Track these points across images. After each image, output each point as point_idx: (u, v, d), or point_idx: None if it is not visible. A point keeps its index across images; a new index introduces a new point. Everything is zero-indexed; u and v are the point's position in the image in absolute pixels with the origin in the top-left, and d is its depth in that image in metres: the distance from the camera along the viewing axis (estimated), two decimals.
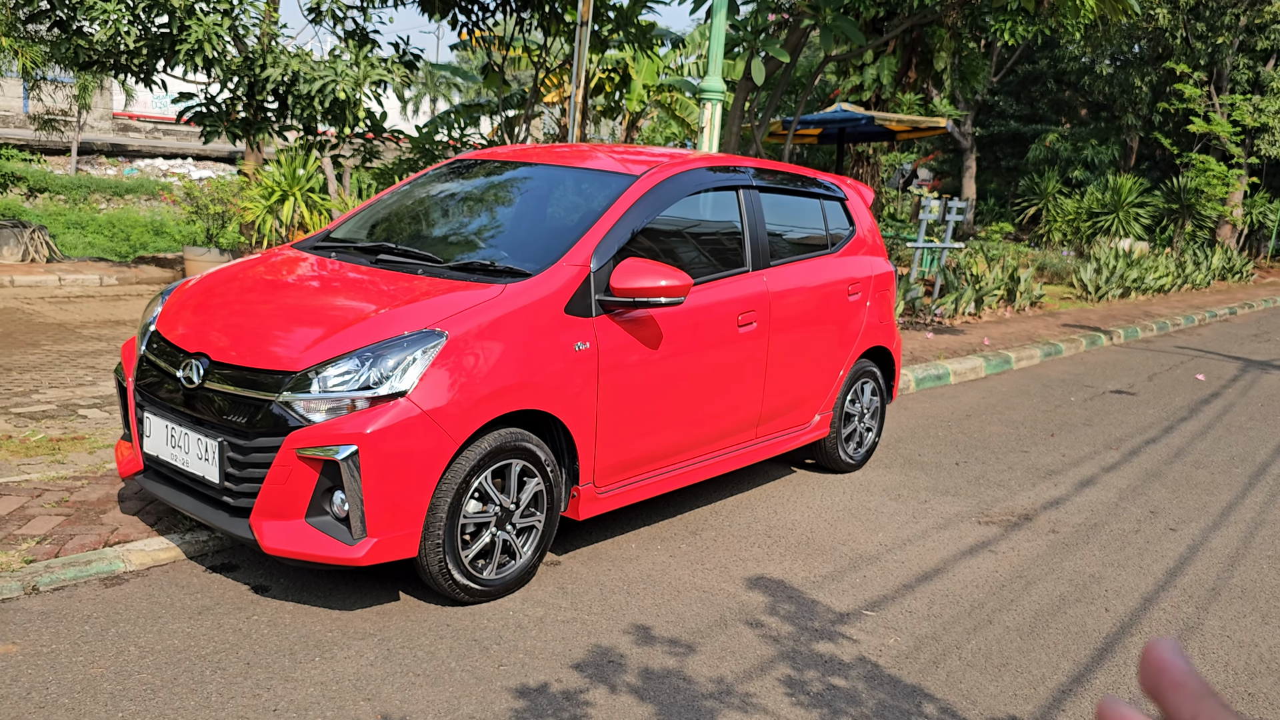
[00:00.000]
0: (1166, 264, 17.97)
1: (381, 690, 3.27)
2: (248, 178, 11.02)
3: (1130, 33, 24.52)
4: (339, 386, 3.59)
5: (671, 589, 4.23)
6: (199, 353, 3.88)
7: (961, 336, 10.99)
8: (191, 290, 4.39)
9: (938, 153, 31.40)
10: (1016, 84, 29.79)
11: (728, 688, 3.45)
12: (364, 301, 4.00)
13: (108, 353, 7.37)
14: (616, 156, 5.11)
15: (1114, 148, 27.09)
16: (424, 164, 11.66)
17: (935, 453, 6.69)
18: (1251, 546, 5.26)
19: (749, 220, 5.17)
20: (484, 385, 3.75)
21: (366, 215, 5.19)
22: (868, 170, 17.03)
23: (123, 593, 3.83)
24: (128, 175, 23.37)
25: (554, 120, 18.76)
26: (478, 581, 3.88)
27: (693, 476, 4.88)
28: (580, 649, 3.64)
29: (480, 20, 11.75)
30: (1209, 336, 13.58)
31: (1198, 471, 6.64)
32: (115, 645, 3.44)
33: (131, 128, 28.42)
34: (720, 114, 8.86)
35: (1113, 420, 7.99)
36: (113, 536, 4.17)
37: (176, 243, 14.46)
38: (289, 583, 4.01)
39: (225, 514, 3.77)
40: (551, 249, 4.28)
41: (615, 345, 4.24)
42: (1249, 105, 23.23)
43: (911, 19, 12.80)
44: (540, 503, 4.09)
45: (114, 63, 9.41)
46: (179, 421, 3.89)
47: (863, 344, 5.89)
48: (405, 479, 3.58)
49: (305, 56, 9.32)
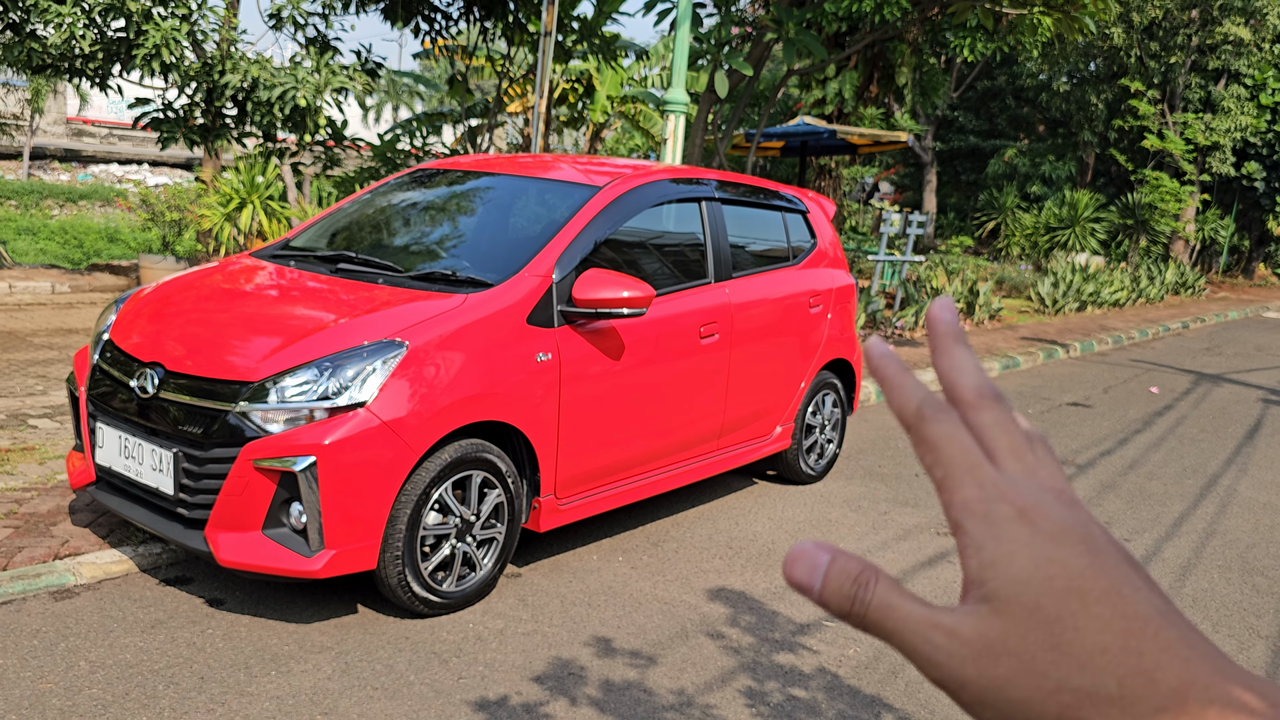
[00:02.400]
0: (1122, 279, 18.26)
1: (339, 704, 3.23)
2: (205, 184, 10.88)
3: (1086, 51, 24.94)
4: (297, 397, 3.55)
5: (633, 601, 4.22)
6: (154, 362, 3.82)
7: (922, 349, 11.09)
8: (146, 298, 4.32)
9: (899, 167, 31.73)
10: (976, 100, 30.20)
11: (689, 699, 3.45)
12: (323, 311, 3.96)
13: (59, 361, 7.24)
14: (579, 167, 5.11)
15: (1071, 164, 27.52)
16: (385, 172, 11.59)
17: (895, 464, 6.74)
18: (1203, 556, 5.35)
19: (711, 232, 5.19)
20: (445, 396, 3.73)
21: (326, 224, 5.14)
22: (830, 183, 17.18)
23: (73, 606, 3.75)
24: (81, 181, 23.01)
25: (517, 130, 18.74)
26: (437, 594, 3.85)
27: (654, 488, 4.87)
28: (541, 661, 3.62)
29: (443, 29, 11.71)
30: (1163, 350, 13.81)
31: (1151, 483, 6.74)
32: (65, 660, 3.37)
33: (86, 133, 28.00)
34: (684, 126, 8.89)
35: (1069, 432, 8.10)
36: (63, 549, 4.09)
37: (131, 250, 14.25)
38: (245, 596, 3.95)
39: (180, 526, 3.71)
40: (514, 259, 4.27)
41: (577, 356, 4.23)
42: (1201, 124, 23.70)
43: (873, 34, 12.93)
44: (501, 514, 4.06)
45: (68, 66, 9.26)
46: (133, 432, 3.83)
47: (824, 356, 5.92)
48: (364, 490, 3.54)
49: (265, 63, 9.23)
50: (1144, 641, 0.41)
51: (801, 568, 0.47)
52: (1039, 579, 0.43)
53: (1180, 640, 0.41)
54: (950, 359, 0.50)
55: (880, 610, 0.46)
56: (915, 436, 0.48)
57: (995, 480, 0.46)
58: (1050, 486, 0.46)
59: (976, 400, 0.49)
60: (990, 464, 0.46)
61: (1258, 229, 28.85)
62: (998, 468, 0.46)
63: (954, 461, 0.46)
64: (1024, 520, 0.44)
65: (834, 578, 0.47)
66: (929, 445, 0.47)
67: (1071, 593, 0.42)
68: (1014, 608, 0.43)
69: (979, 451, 0.47)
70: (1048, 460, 0.48)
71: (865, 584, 0.46)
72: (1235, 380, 11.53)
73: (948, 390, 0.50)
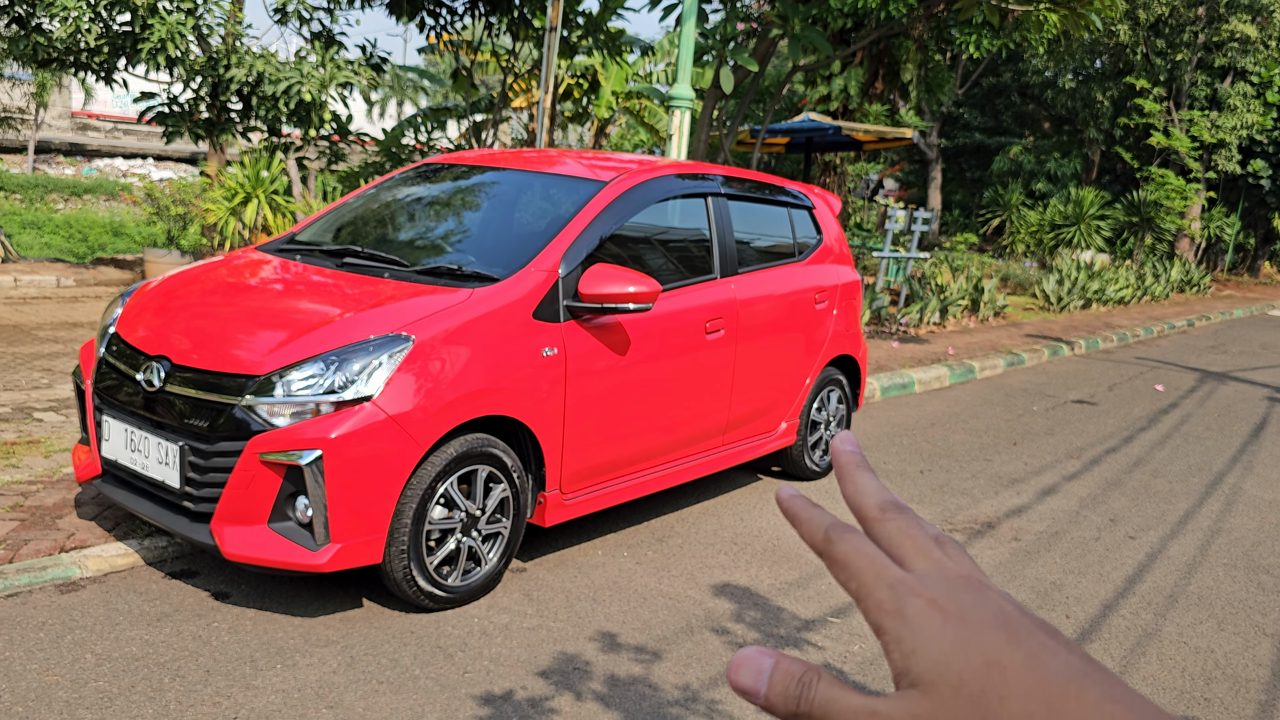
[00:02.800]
0: (1127, 276, 18.23)
1: (344, 698, 3.23)
2: (210, 179, 10.88)
3: (1092, 48, 24.88)
4: (303, 391, 3.54)
5: (638, 596, 4.22)
6: (160, 355, 3.82)
7: (926, 346, 11.07)
8: (152, 292, 4.32)
9: (903, 163, 31.69)
10: (981, 96, 30.13)
11: (693, 695, 3.45)
12: (329, 305, 3.96)
13: (64, 355, 7.25)
14: (585, 162, 5.10)
15: (1076, 161, 27.46)
16: (390, 167, 11.59)
17: (900, 461, 6.73)
18: (1208, 554, 5.34)
19: (717, 228, 5.18)
20: (451, 390, 3.73)
21: (332, 218, 5.14)
22: (834, 180, 17.15)
23: (79, 599, 3.75)
24: (86, 175, 23.03)
25: (522, 125, 18.71)
26: (443, 588, 3.85)
27: (659, 483, 4.87)
28: (546, 656, 3.62)
29: (449, 24, 11.70)
30: (1168, 348, 13.79)
31: (1156, 480, 6.73)
32: (71, 653, 3.37)
33: (90, 127, 28.01)
34: (689, 122, 8.88)
35: (1074, 429, 8.09)
36: (69, 542, 4.10)
37: (136, 244, 14.26)
38: (250, 589, 3.96)
39: (185, 519, 3.71)
40: (520, 254, 4.26)
41: (583, 351, 4.23)
42: (1207, 121, 23.65)
43: (879, 30, 12.91)
44: (506, 509, 4.06)
45: (74, 60, 9.27)
46: (139, 425, 3.83)
47: (829, 352, 5.91)
48: (370, 484, 3.54)
49: (270, 57, 9.23)
50: (1066, 703, 0.43)
51: (747, 674, 0.50)
52: (958, 659, 0.46)
53: (1104, 697, 0.44)
54: (854, 484, 0.55)
55: (823, 705, 0.48)
56: (827, 559, 0.52)
57: (903, 579, 0.49)
58: (957, 576, 0.50)
59: (880, 514, 0.53)
60: (898, 567, 0.50)
61: (1263, 227, 28.78)
62: (906, 569, 0.50)
63: (863, 571, 0.50)
64: (935, 609, 0.47)
65: (779, 681, 0.50)
66: (840, 564, 0.51)
67: (991, 667, 0.45)
68: (940, 689, 0.45)
69: (885, 559, 0.51)
70: (957, 555, 0.52)
71: (808, 684, 0.49)
72: (1241, 378, 11.51)
73: (855, 512, 0.54)
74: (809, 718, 0.49)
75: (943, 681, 0.45)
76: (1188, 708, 3.69)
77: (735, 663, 0.51)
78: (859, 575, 0.50)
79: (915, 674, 0.46)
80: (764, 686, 0.50)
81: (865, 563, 0.50)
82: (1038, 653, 0.46)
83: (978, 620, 0.47)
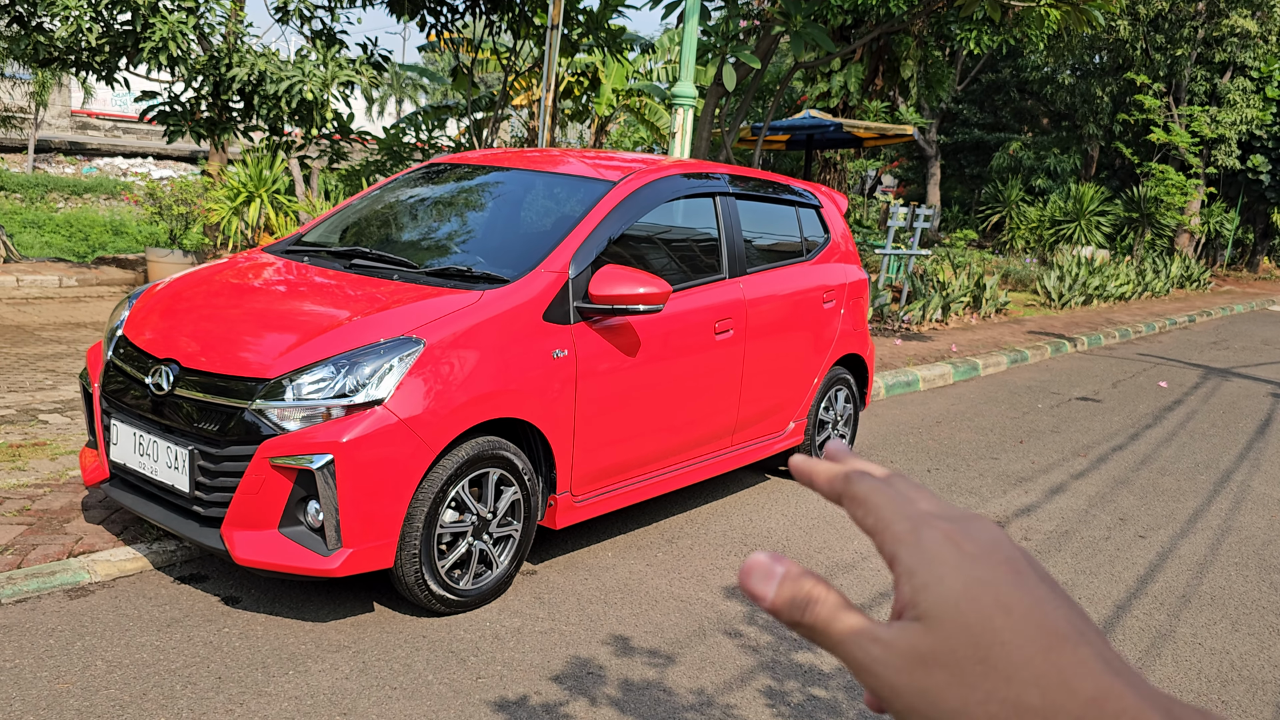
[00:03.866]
0: (1127, 272, 18.21)
1: (357, 704, 3.21)
2: (212, 178, 10.85)
3: (1092, 44, 24.86)
4: (314, 394, 3.52)
5: (649, 598, 4.20)
6: (168, 358, 3.79)
7: (929, 343, 11.05)
8: (160, 294, 4.30)
9: (903, 160, 31.65)
10: (980, 93, 30.09)
11: (709, 699, 3.43)
12: (338, 307, 3.93)
13: (68, 356, 7.21)
14: (590, 162, 5.07)
15: (1075, 157, 27.44)
16: (391, 166, 11.55)
17: (907, 460, 6.71)
18: (1219, 553, 5.32)
19: (725, 227, 5.16)
20: (461, 393, 3.70)
21: (338, 219, 5.11)
22: (835, 176, 17.14)
23: (88, 604, 3.73)
24: (86, 174, 22.98)
25: (522, 123, 18.66)
26: (454, 592, 3.83)
27: (669, 484, 4.85)
28: (559, 660, 3.60)
29: (449, 22, 11.66)
30: (1169, 344, 13.77)
31: (1164, 478, 6.71)
32: (81, 659, 3.35)
33: (90, 126, 27.95)
34: (691, 119, 8.85)
35: (1080, 427, 8.07)
36: (77, 546, 4.07)
37: (137, 243, 14.22)
38: (260, 594, 3.93)
39: (195, 524, 3.69)
40: (529, 255, 4.24)
41: (593, 353, 4.20)
42: (1206, 116, 23.63)
43: (879, 27, 12.88)
44: (517, 512, 4.04)
45: (74, 60, 9.23)
46: (147, 429, 3.81)
47: (837, 351, 5.89)
48: (381, 488, 3.52)
49: (272, 56, 9.19)
50: (1063, 655, 0.44)
51: (756, 578, 0.51)
52: (968, 598, 0.46)
53: (1096, 657, 0.44)
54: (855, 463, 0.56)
55: (826, 622, 0.49)
56: (846, 499, 0.53)
57: (922, 512, 0.50)
58: (975, 517, 0.51)
59: (889, 475, 0.54)
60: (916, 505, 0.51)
61: (1262, 222, 28.78)
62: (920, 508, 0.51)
63: (882, 506, 0.51)
64: (950, 543, 0.48)
65: (786, 589, 0.50)
66: (859, 500, 0.52)
67: (998, 609, 0.45)
68: (945, 624, 0.46)
69: (905, 498, 0.52)
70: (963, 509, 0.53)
71: (817, 598, 0.50)
72: (1244, 375, 11.49)
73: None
74: (811, 631, 0.50)
75: (948, 618, 0.46)
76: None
77: (747, 567, 0.52)
78: (878, 510, 0.51)
79: (923, 608, 0.47)
80: (771, 592, 0.50)
81: (885, 499, 0.51)
82: (1044, 602, 0.46)
83: (991, 561, 0.47)
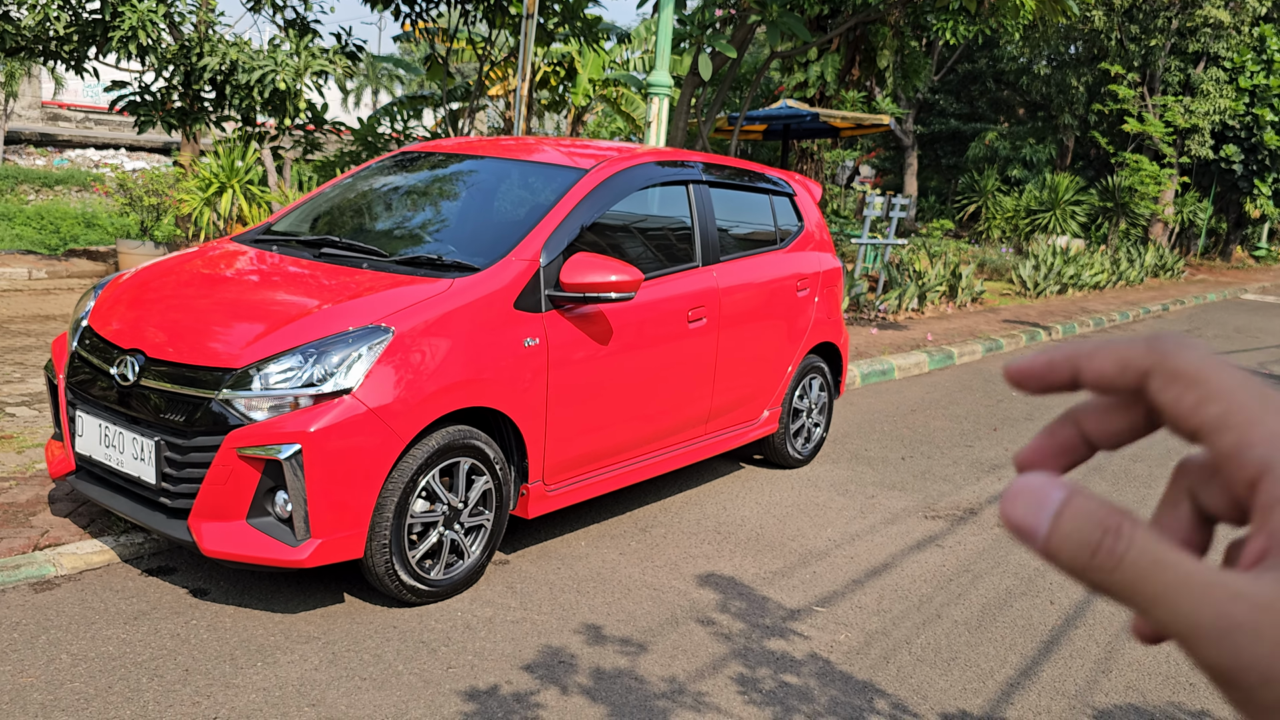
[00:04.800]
0: (1102, 261, 18.32)
1: (327, 695, 3.19)
2: (184, 169, 10.74)
3: (1067, 34, 24.96)
4: (281, 384, 3.49)
5: (622, 587, 4.19)
6: (134, 349, 3.75)
7: (905, 332, 11.09)
8: (126, 284, 4.25)
9: (880, 150, 31.72)
10: (957, 83, 30.18)
11: (680, 687, 3.43)
12: (307, 296, 3.90)
13: (37, 348, 7.13)
14: (564, 150, 5.05)
15: (1051, 147, 27.57)
16: (366, 156, 11.47)
17: (882, 448, 6.74)
18: None
19: (698, 215, 5.15)
20: (431, 382, 3.68)
21: (308, 208, 5.07)
22: (812, 166, 17.15)
23: (54, 598, 3.69)
24: (58, 166, 22.72)
25: (498, 113, 18.58)
26: (425, 582, 3.81)
27: (643, 473, 4.84)
28: (530, 649, 3.59)
29: (424, 11, 11.58)
30: (1144, 332, 13.79)
31: (1136, 465, 6.76)
32: (46, 653, 3.31)
33: (62, 117, 27.63)
34: (667, 109, 8.83)
35: (1053, 415, 8.08)
36: (43, 539, 4.02)
37: (109, 235, 14.07)
38: (229, 585, 3.90)
39: (162, 515, 3.65)
40: (500, 243, 4.21)
41: (565, 341, 4.19)
42: (1180, 106, 23.78)
43: (855, 17, 12.88)
44: (489, 501, 4.02)
45: (43, 49, 9.11)
46: (113, 420, 3.76)
47: (811, 340, 5.89)
48: (351, 478, 3.49)
49: (244, 45, 9.10)
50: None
51: (1023, 506, 0.38)
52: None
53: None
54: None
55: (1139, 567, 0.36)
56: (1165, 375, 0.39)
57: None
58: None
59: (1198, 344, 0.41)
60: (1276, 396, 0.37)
61: (1235, 211, 29.01)
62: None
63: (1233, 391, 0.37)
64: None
65: (1070, 519, 0.37)
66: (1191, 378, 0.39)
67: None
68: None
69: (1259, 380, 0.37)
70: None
71: (1116, 530, 0.36)
72: None
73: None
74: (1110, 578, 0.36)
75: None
76: (1173, 692, 3.70)
77: (1011, 492, 0.38)
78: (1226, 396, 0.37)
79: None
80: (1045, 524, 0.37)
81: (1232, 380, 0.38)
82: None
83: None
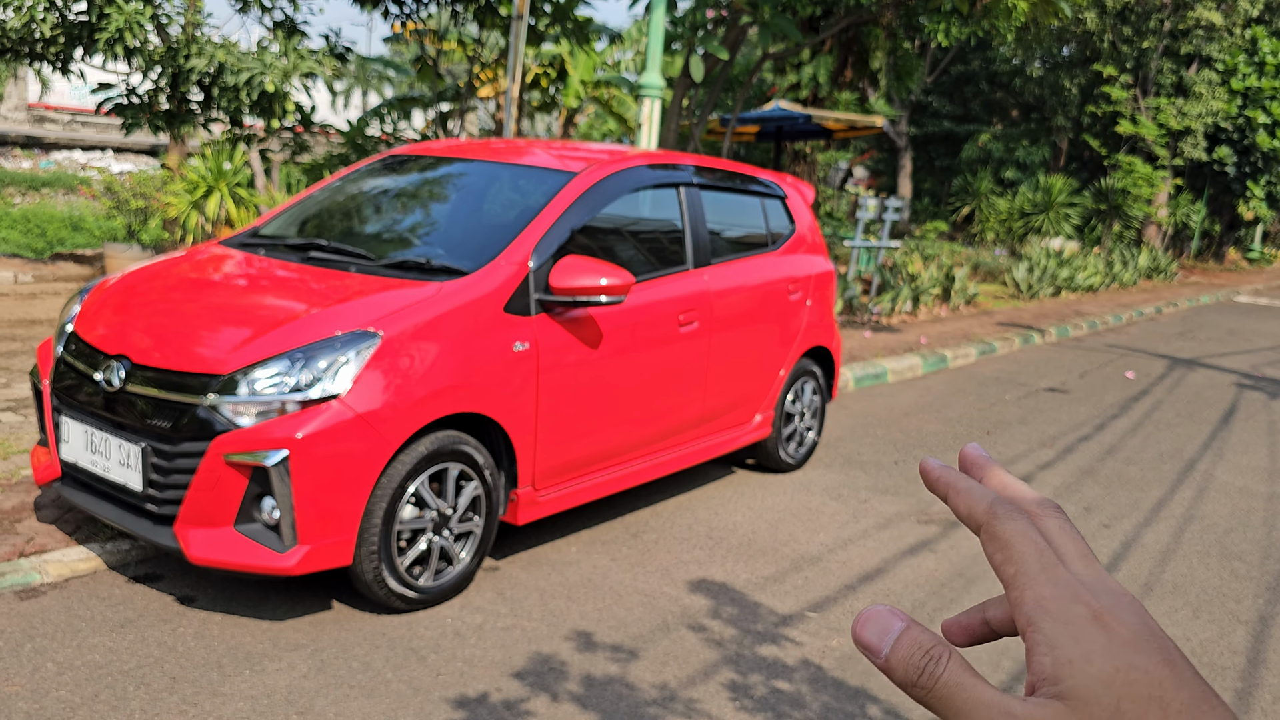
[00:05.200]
0: (1096, 263, 18.35)
1: (315, 703, 3.15)
2: (171, 171, 10.68)
3: (1060, 36, 25.01)
4: (268, 389, 3.45)
5: (613, 593, 4.16)
6: (120, 354, 3.71)
7: (899, 335, 11.08)
8: (111, 289, 4.20)
9: (873, 152, 31.73)
10: (950, 84, 30.21)
11: (671, 694, 3.39)
12: (294, 300, 3.86)
13: (22, 353, 7.08)
14: (554, 153, 5.02)
15: (1044, 149, 27.60)
16: (355, 158, 11.43)
17: (875, 452, 6.71)
18: (1182, 542, 5.35)
19: (690, 218, 5.12)
20: (420, 387, 3.64)
21: (296, 211, 5.03)
22: (805, 168, 17.13)
23: (39, 606, 3.65)
24: (44, 168, 22.60)
25: (489, 115, 18.54)
26: (414, 589, 3.77)
27: (634, 479, 4.81)
28: (520, 656, 3.55)
29: (414, 12, 11.55)
30: (1137, 335, 13.88)
31: (1129, 468, 6.75)
32: (31, 661, 3.27)
33: (48, 119, 27.50)
34: (659, 110, 8.81)
35: (1047, 418, 8.10)
36: (28, 547, 3.98)
37: (96, 239, 13.99)
38: (216, 593, 3.86)
39: (148, 522, 3.61)
40: (489, 246, 4.18)
41: (555, 345, 4.16)
42: (1173, 108, 23.84)
43: (848, 18, 12.87)
44: (478, 507, 3.99)
45: (29, 51, 9.05)
46: (99, 426, 3.72)
47: (804, 343, 5.87)
48: (339, 485, 3.46)
49: (231, 47, 9.06)
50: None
51: (872, 631, 0.48)
52: (1120, 683, 0.43)
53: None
54: (999, 478, 0.54)
55: (949, 688, 0.46)
56: (987, 534, 0.50)
57: (1069, 580, 0.47)
58: (1123, 594, 0.47)
59: (1039, 510, 0.51)
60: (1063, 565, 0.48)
61: (1228, 213, 29.09)
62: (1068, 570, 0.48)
63: (1027, 559, 0.48)
64: (1099, 623, 0.45)
65: (904, 646, 0.47)
66: (1001, 542, 0.49)
67: (1152, 701, 0.43)
68: (1093, 708, 0.43)
69: (1051, 552, 0.48)
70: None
71: (937, 658, 0.47)
72: (1209, 365, 11.60)
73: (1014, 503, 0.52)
74: (929, 694, 0.46)
75: (1098, 703, 0.43)
76: None
77: (863, 617, 0.49)
78: (1021, 561, 0.48)
79: (1067, 685, 0.44)
80: (887, 648, 0.48)
81: (1031, 549, 0.48)
82: (1199, 700, 0.44)
83: (1146, 649, 0.45)
